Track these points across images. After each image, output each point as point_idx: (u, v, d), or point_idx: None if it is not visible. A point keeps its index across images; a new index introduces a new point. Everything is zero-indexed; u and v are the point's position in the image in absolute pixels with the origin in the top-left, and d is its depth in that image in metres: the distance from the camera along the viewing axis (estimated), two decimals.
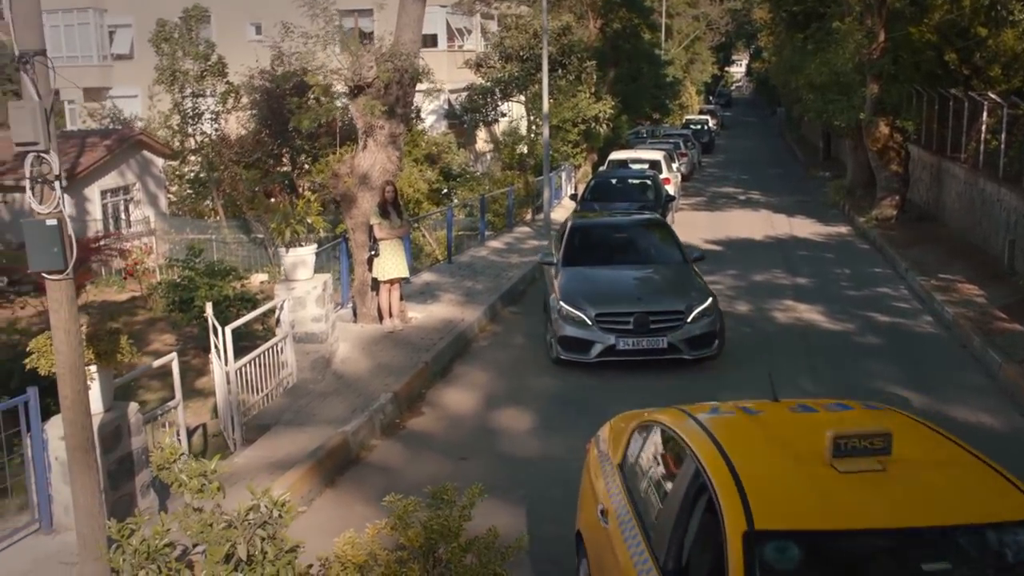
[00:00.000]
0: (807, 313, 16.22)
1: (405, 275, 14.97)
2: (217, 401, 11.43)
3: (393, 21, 14.99)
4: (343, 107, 16.65)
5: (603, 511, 5.98)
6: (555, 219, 26.62)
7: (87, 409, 6.43)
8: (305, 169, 28.29)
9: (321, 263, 15.83)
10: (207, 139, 30.04)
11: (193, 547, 6.47)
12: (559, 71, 35.37)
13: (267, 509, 5.52)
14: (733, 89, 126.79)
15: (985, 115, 22.03)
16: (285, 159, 29.23)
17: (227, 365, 10.58)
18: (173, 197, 31.83)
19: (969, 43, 25.52)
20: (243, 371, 10.96)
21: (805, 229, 26.75)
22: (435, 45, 40.76)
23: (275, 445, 10.20)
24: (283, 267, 13.23)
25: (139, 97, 38.43)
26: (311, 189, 26.27)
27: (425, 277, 19.19)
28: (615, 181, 25.09)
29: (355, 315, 15.20)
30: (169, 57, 29.73)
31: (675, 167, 33.27)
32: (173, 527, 5.64)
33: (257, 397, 11.37)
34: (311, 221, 13.05)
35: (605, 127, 37.65)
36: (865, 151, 28.38)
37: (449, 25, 42.14)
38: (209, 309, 11.05)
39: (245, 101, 29.55)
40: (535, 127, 35.67)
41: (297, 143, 27.74)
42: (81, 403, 6.36)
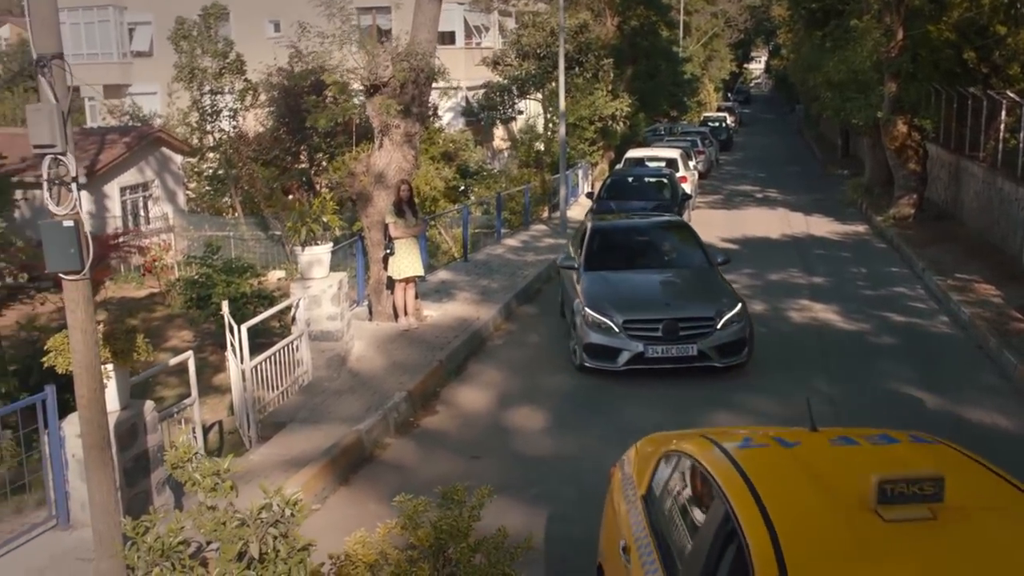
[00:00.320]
0: (823, 313, 16.19)
1: (420, 274, 15.03)
2: (233, 399, 11.52)
3: (411, 18, 15.05)
4: (360, 105, 16.71)
5: (625, 548, 5.69)
6: (571, 217, 26.67)
7: (103, 408, 6.51)
8: (323, 167, 28.38)
9: (337, 260, 15.93)
10: (225, 136, 30.20)
11: (207, 544, 6.54)
12: (576, 69, 35.37)
13: (279, 508, 5.57)
14: (752, 86, 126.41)
15: (1004, 114, 21.92)
16: (303, 156, 29.34)
17: (243, 363, 10.67)
18: (191, 194, 32.05)
19: (988, 41, 25.35)
20: (259, 369, 11.06)
21: (822, 228, 26.70)
22: (453, 42, 40.85)
23: (290, 443, 10.29)
24: (299, 265, 13.30)
25: (158, 94, 38.74)
26: (328, 186, 26.38)
27: (441, 275, 19.25)
28: (631, 179, 25.10)
29: (371, 313, 15.28)
30: (188, 55, 29.91)
31: (692, 165, 33.23)
32: (187, 525, 5.71)
33: (273, 394, 11.46)
34: (327, 220, 13.10)
35: (622, 125, 37.61)
36: (883, 149, 28.26)
37: (467, 22, 42.20)
38: (225, 307, 11.13)
39: (263, 98, 29.68)
40: (552, 125, 35.68)
41: (315, 140, 27.84)
42: (97, 402, 6.44)
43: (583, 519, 8.59)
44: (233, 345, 10.80)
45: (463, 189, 31.44)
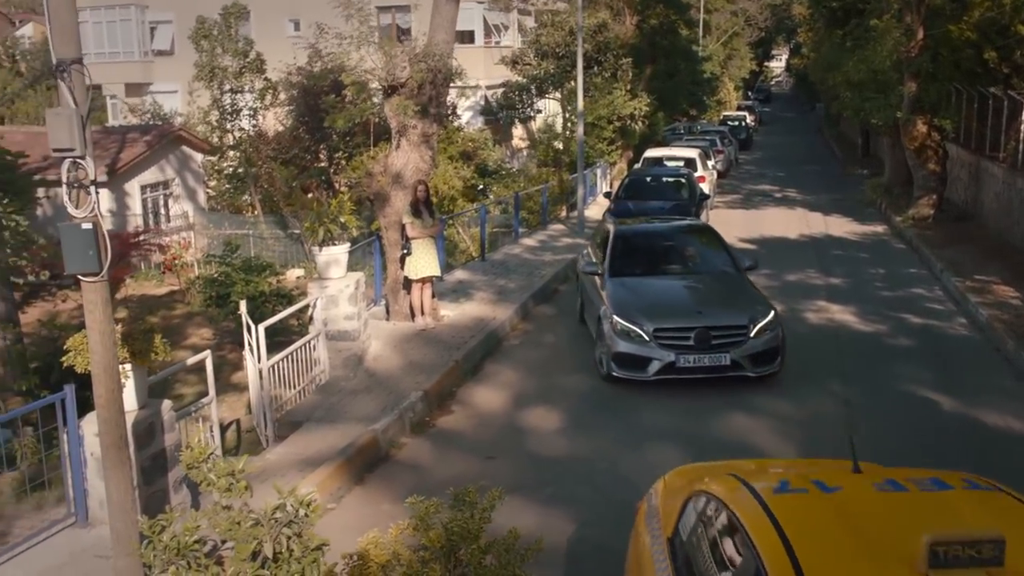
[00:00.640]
0: (840, 314, 16.16)
1: (437, 274, 15.07)
2: (250, 398, 11.62)
3: (430, 18, 15.11)
4: (378, 105, 16.79)
5: None
6: (589, 217, 26.68)
7: (121, 407, 6.59)
8: (342, 166, 28.51)
9: (355, 260, 16.01)
10: (245, 135, 30.38)
11: (222, 543, 6.62)
12: (595, 68, 35.38)
13: (293, 508, 5.64)
14: (772, 84, 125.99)
15: None
16: (322, 155, 29.47)
17: (260, 362, 10.76)
18: (211, 192, 32.25)
19: (1009, 41, 25.17)
20: (276, 367, 11.15)
21: (841, 228, 26.61)
22: (472, 42, 40.91)
23: (306, 442, 10.36)
24: (317, 265, 13.39)
25: (179, 93, 38.91)
26: (348, 185, 26.50)
27: (458, 275, 19.31)
28: (649, 179, 25.07)
29: (388, 313, 15.35)
30: (208, 54, 30.10)
31: (710, 165, 33.17)
32: (203, 524, 5.78)
33: (291, 393, 11.55)
34: (344, 220, 13.18)
35: (641, 124, 37.57)
36: (902, 149, 28.15)
37: (486, 21, 42.24)
38: (243, 307, 11.24)
39: (282, 97, 29.84)
40: (570, 124, 35.69)
41: (333, 140, 27.96)
42: (115, 402, 6.51)
43: (596, 521, 8.66)
44: (250, 344, 10.89)
45: (482, 188, 31.49)
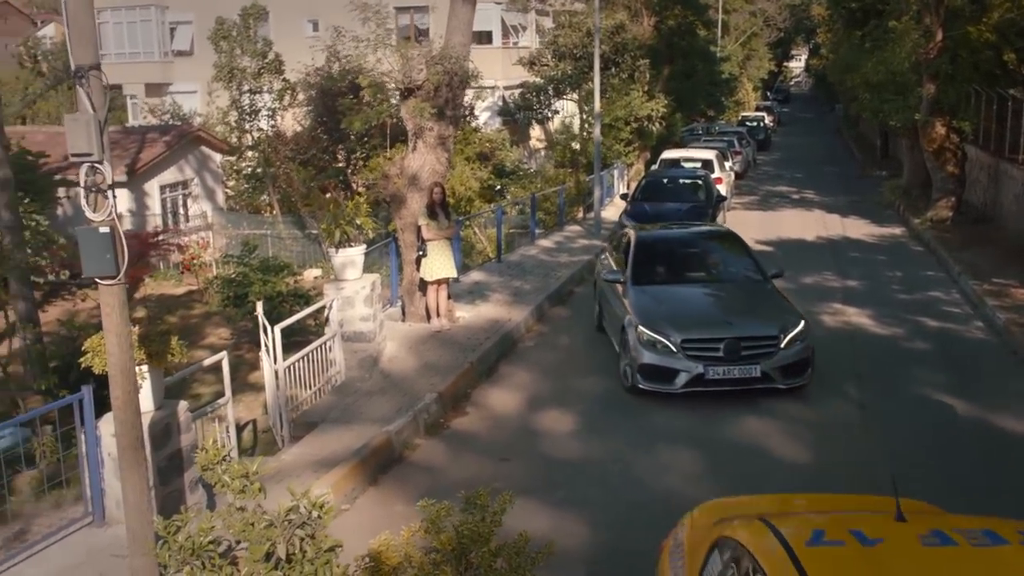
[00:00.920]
0: (856, 317, 16.12)
1: (452, 275, 15.13)
2: (266, 398, 11.70)
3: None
4: (395, 107, 16.86)
5: None
6: (606, 218, 26.68)
7: (137, 409, 6.67)
8: (359, 166, 28.62)
9: (372, 261, 16.07)
10: (263, 135, 30.53)
11: (237, 544, 6.68)
12: (612, 69, 35.35)
13: (306, 510, 5.69)
14: (792, 84, 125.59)
15: None
16: (340, 156, 29.59)
17: (276, 363, 10.84)
18: (230, 192, 32.42)
19: None
20: (292, 368, 11.24)
21: (858, 230, 26.52)
22: (490, 42, 40.94)
23: (321, 443, 10.43)
24: (333, 267, 13.47)
25: (198, 93, 39.19)
26: (365, 186, 26.60)
27: (474, 276, 19.35)
28: (666, 181, 25.03)
29: (403, 314, 15.42)
30: (227, 55, 30.25)
31: (728, 166, 33.09)
32: (217, 524, 5.84)
33: (307, 393, 11.63)
34: (360, 222, 13.25)
35: (658, 125, 37.54)
36: (921, 151, 28.04)
37: (504, 22, 42.28)
38: (259, 308, 11.32)
39: (301, 98, 29.97)
40: (588, 125, 35.69)
41: (351, 140, 28.07)
42: (131, 403, 6.59)
43: (609, 523, 8.69)
44: (266, 346, 10.98)
45: (499, 189, 31.53)
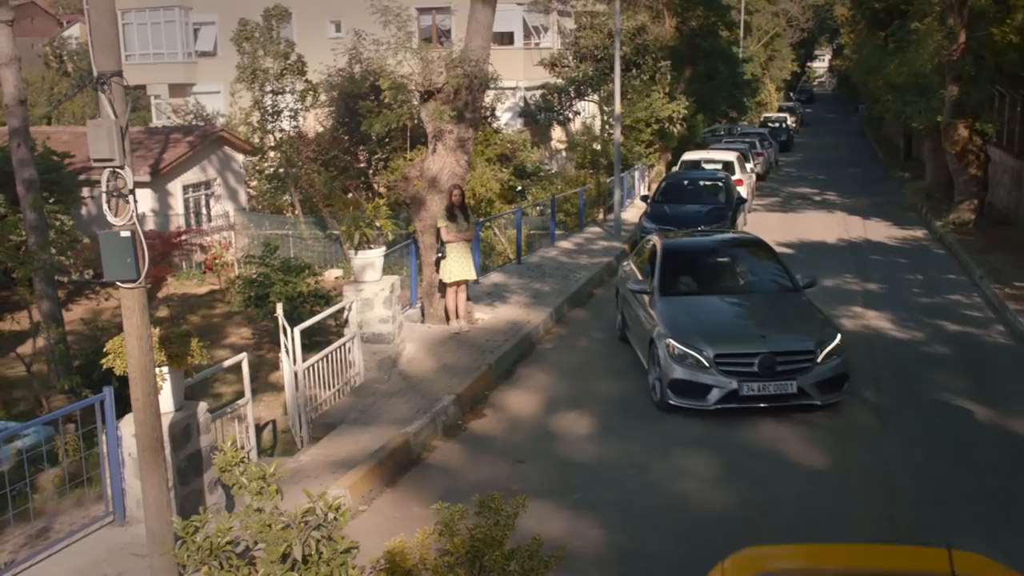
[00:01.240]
0: (875, 320, 16.07)
1: (471, 278, 15.18)
2: (286, 399, 11.80)
3: None
4: (415, 109, 16.95)
5: None
6: (626, 219, 26.67)
7: (157, 411, 6.76)
8: (380, 168, 28.74)
9: (392, 262, 16.17)
10: (285, 136, 30.69)
11: (254, 545, 6.77)
12: (633, 71, 35.35)
13: (322, 511, 5.76)
14: (815, 84, 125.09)
15: None
16: (361, 157, 29.71)
17: (295, 364, 10.94)
18: (252, 192, 32.63)
19: None
20: (312, 369, 11.34)
21: (880, 232, 26.41)
22: (511, 43, 41.01)
23: (339, 444, 10.51)
24: (352, 269, 13.55)
25: (221, 93, 39.44)
26: (387, 187, 26.70)
27: (494, 278, 19.41)
28: (686, 182, 25.04)
29: (423, 315, 15.49)
30: (250, 56, 30.43)
31: (749, 168, 32.99)
32: (235, 525, 5.92)
33: (326, 394, 11.73)
34: (380, 225, 13.33)
35: (679, 127, 37.49)
36: (944, 153, 27.88)
37: (526, 23, 42.31)
38: (279, 310, 11.41)
39: (323, 99, 30.11)
40: (608, 127, 35.67)
41: (372, 141, 28.19)
42: (151, 405, 6.68)
43: (622, 526, 8.73)
44: (286, 347, 11.07)
45: (519, 190, 31.57)
